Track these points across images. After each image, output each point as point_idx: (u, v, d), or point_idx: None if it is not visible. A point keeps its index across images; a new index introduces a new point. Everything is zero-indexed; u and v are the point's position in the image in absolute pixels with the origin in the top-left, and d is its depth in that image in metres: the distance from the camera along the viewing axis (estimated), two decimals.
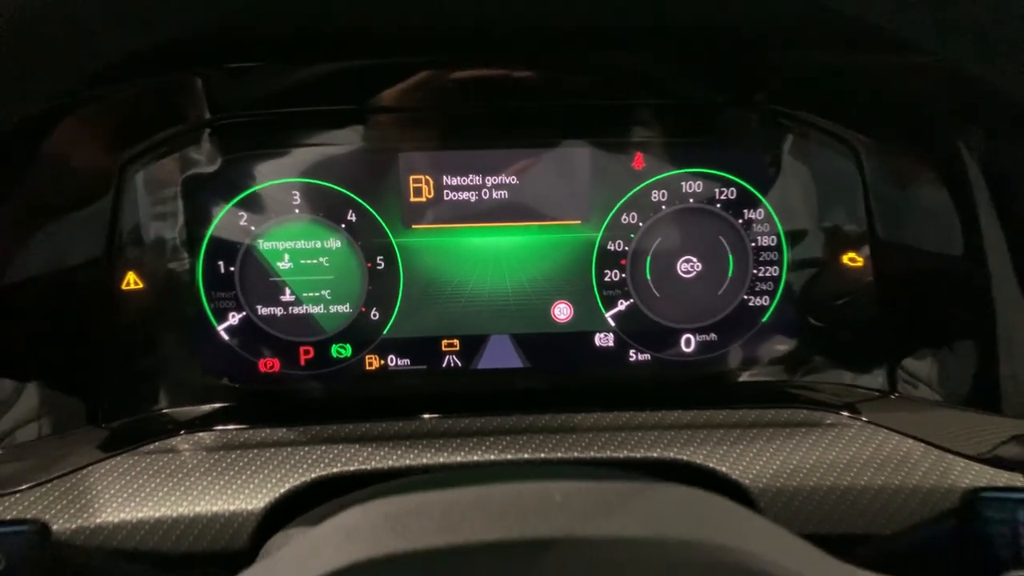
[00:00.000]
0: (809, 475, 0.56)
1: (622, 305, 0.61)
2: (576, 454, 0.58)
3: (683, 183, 0.60)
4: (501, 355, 0.61)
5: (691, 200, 0.60)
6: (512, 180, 0.59)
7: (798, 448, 0.58)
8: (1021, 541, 0.42)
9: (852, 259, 0.61)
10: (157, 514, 0.51)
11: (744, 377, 0.63)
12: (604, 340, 0.62)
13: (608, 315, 0.61)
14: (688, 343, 0.62)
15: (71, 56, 0.28)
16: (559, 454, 0.58)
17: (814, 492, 0.55)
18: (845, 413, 0.59)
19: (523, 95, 0.59)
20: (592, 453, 0.58)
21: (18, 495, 0.51)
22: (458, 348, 0.61)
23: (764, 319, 0.62)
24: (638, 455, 0.58)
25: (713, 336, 0.62)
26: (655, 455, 0.57)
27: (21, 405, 0.58)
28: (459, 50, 0.57)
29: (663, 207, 0.60)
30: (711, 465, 0.57)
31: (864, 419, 0.59)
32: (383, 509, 0.30)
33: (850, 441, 0.57)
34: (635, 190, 0.60)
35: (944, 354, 0.62)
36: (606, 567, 0.27)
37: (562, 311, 0.61)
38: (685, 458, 0.57)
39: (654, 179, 0.60)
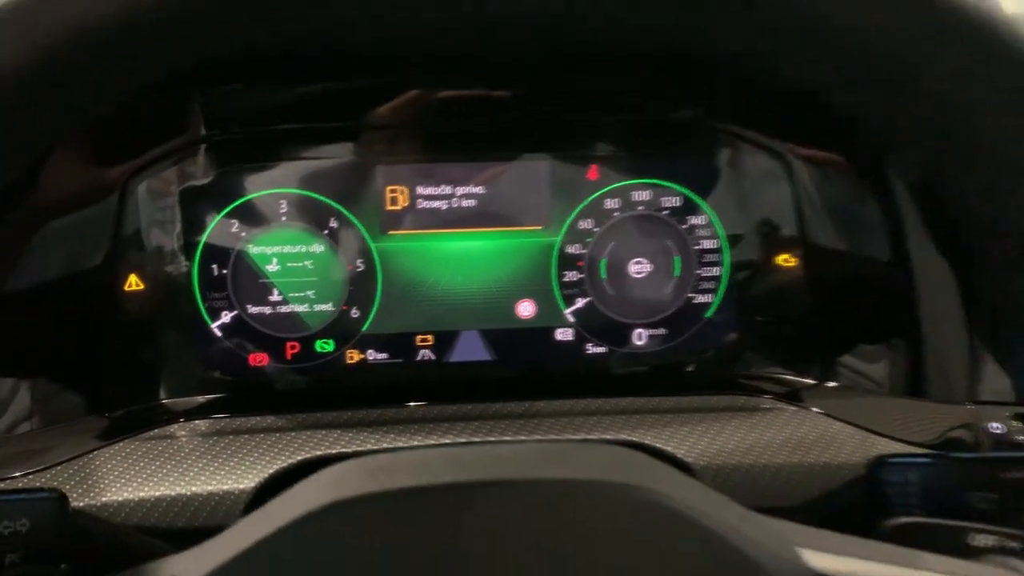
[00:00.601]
0: (747, 454, 0.62)
1: (580, 303, 0.68)
2: (539, 436, 0.64)
3: (633, 192, 0.66)
4: (471, 349, 0.67)
5: (640, 208, 0.67)
6: (480, 190, 0.65)
7: (737, 430, 0.64)
8: (911, 499, 0.49)
9: (786, 260, 0.67)
10: (158, 493, 0.57)
11: (691, 367, 0.69)
12: (564, 335, 0.68)
13: (567, 312, 0.68)
14: (640, 337, 0.68)
15: (88, 89, 0.33)
16: (523, 436, 0.64)
17: (751, 468, 0.62)
18: (781, 399, 0.66)
19: (491, 113, 0.65)
20: (553, 436, 0.64)
21: (31, 476, 0.56)
22: (432, 343, 0.67)
23: (708, 315, 0.68)
24: (594, 437, 0.64)
25: (663, 330, 0.68)
26: (609, 437, 0.64)
27: (29, 396, 0.63)
28: (436, 72, 0.63)
29: (616, 214, 0.67)
30: (658, 445, 0.63)
31: (799, 405, 0.65)
32: (358, 465, 0.36)
33: (784, 424, 0.64)
34: (590, 199, 0.66)
35: (875, 347, 0.69)
36: (551, 501, 0.33)
37: (526, 308, 0.67)
38: (636, 439, 0.64)
39: (607, 189, 0.66)
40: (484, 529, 0.33)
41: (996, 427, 0.63)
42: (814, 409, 0.65)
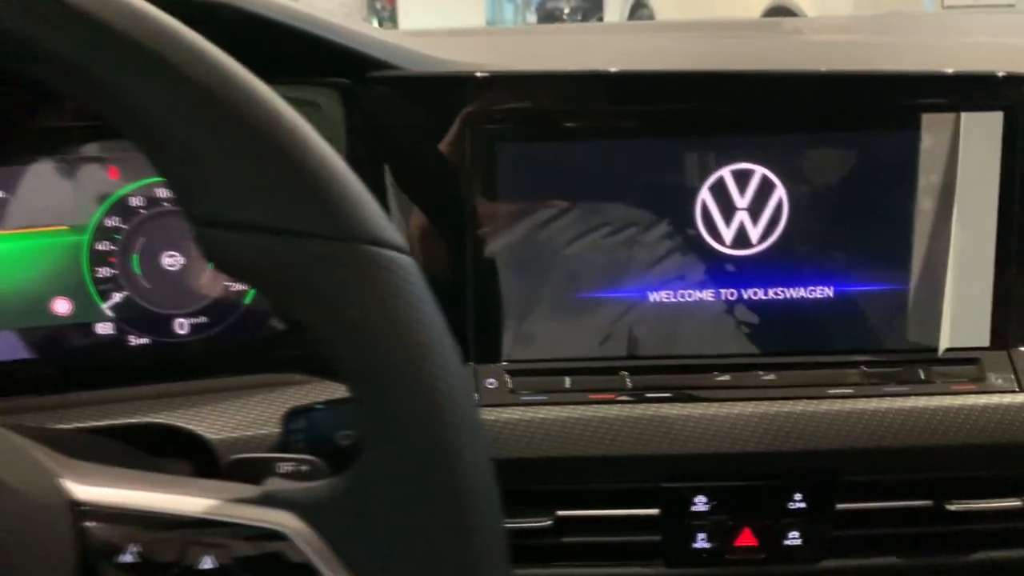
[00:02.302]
0: (264, 424, 0.68)
1: (117, 297, 0.71)
2: (71, 425, 0.67)
3: (156, 189, 0.71)
4: (9, 349, 0.70)
5: (166, 203, 0.71)
6: (2, 195, 0.68)
7: (260, 404, 0.70)
8: (299, 441, 0.55)
9: None
10: None
11: (234, 351, 0.74)
12: (104, 328, 0.71)
13: (105, 307, 0.71)
14: (182, 326, 0.73)
15: None
16: (61, 425, 0.67)
17: (266, 437, 0.67)
18: (314, 374, 0.72)
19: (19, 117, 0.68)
20: (93, 423, 0.68)
21: None
22: None
23: (246, 301, 0.73)
24: (121, 422, 0.68)
25: (204, 319, 0.73)
26: (136, 421, 0.68)
27: None
28: None
29: (142, 211, 0.71)
30: (180, 424, 0.68)
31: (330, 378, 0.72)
32: None
33: (312, 394, 0.70)
34: (114, 197, 0.70)
35: None
36: None
37: (62, 306, 0.70)
38: (161, 420, 0.68)
39: (130, 187, 0.70)
40: None
41: (491, 383, 0.71)
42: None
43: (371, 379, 0.38)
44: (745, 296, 0.71)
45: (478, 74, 0.70)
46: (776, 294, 0.72)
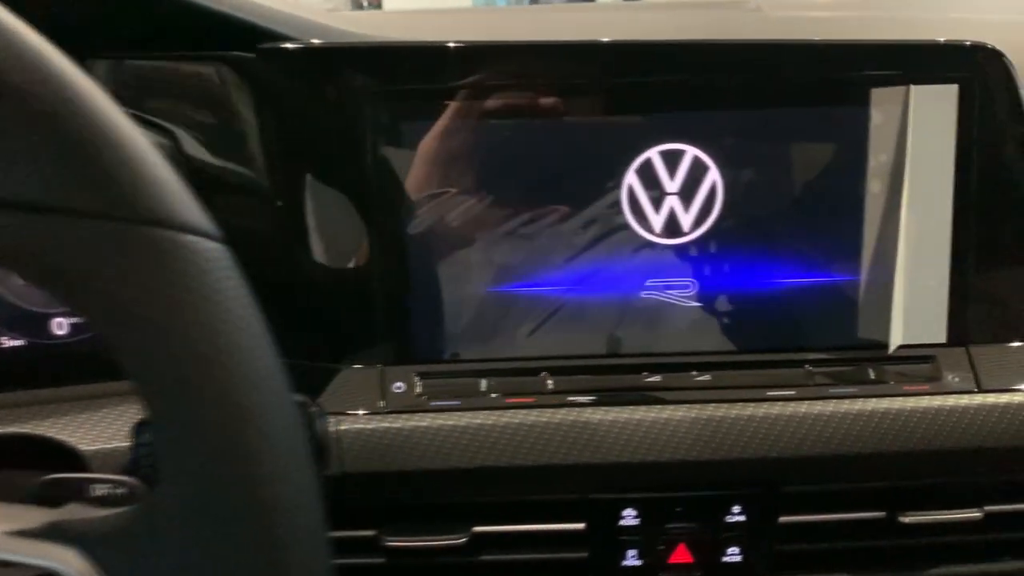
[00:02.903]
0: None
1: None
2: None
3: None
4: None
5: None
6: None
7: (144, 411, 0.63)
8: (146, 457, 0.49)
9: None
10: None
11: None
12: None
13: None
14: (60, 326, 0.66)
15: None
16: None
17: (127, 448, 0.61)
18: None
19: None
20: None
21: None
22: None
23: None
24: None
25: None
26: None
27: None
28: None
29: None
30: (51, 434, 0.61)
31: None
32: None
33: None
34: None
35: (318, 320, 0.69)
36: None
37: None
38: (28, 431, 0.62)
39: None
40: None
41: (399, 387, 0.64)
42: None
43: (159, 388, 0.31)
44: (677, 289, 0.65)
45: (380, 46, 0.63)
46: (711, 287, 0.65)
